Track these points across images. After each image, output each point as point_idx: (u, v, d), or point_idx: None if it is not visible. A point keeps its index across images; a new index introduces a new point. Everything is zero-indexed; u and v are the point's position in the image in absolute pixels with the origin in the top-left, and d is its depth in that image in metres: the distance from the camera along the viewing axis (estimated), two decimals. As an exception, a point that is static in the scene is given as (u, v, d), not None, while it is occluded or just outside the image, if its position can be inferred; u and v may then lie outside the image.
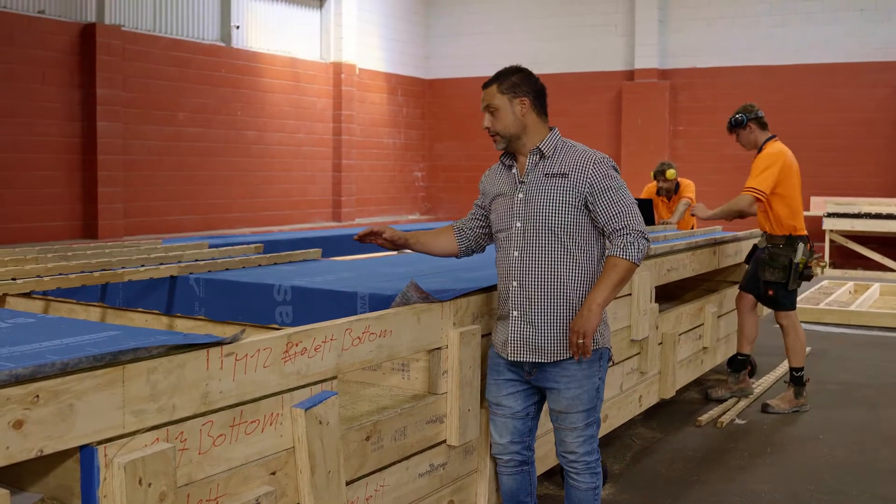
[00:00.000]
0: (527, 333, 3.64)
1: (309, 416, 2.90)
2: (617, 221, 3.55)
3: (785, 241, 6.62)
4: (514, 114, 3.65)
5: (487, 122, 3.69)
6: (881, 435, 6.11)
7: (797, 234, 6.63)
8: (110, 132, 12.39)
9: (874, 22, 15.78)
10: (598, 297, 3.51)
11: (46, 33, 11.80)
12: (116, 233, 12.41)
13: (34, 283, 4.43)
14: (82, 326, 2.91)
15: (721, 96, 16.53)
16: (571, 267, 3.60)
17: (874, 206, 15.23)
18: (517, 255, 3.64)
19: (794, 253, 6.59)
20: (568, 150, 3.67)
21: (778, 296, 6.70)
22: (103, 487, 2.34)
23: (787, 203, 6.61)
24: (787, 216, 6.60)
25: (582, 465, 3.75)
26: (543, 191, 3.61)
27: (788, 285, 6.63)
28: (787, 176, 6.60)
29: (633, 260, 3.51)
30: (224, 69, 14.47)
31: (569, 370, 3.64)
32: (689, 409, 6.72)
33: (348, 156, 16.90)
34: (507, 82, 3.67)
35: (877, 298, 12.28)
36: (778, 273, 6.62)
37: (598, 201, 3.56)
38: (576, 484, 3.78)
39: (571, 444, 3.73)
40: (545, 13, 18.40)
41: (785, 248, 6.61)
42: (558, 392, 3.68)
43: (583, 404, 3.68)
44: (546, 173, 3.63)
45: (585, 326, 3.48)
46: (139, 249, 5.52)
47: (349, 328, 3.15)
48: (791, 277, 6.61)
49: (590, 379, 3.67)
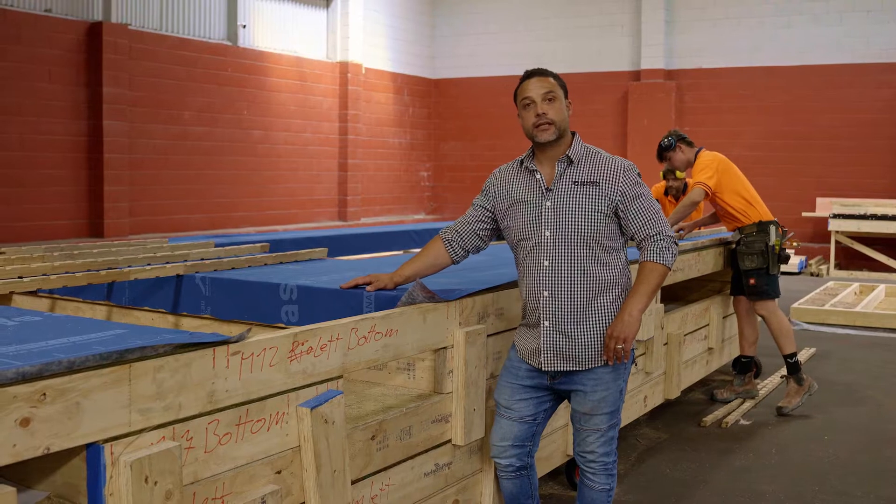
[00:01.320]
0: (560, 343, 3.61)
1: (315, 416, 2.91)
2: (650, 228, 3.58)
3: (756, 227, 6.77)
4: (563, 111, 3.66)
5: (544, 108, 3.61)
6: (886, 436, 6.11)
7: (766, 219, 6.81)
8: (116, 131, 12.41)
9: (880, 23, 15.75)
10: (638, 303, 3.53)
11: (53, 32, 11.82)
12: (122, 231, 12.44)
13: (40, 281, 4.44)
14: (89, 325, 2.91)
15: (727, 97, 16.52)
16: (603, 275, 3.61)
17: (880, 207, 15.20)
18: (547, 264, 3.61)
19: (768, 237, 6.72)
20: (593, 156, 3.68)
21: (759, 283, 6.75)
22: (109, 485, 2.34)
23: (739, 194, 6.82)
24: (745, 206, 6.81)
25: (600, 466, 3.73)
26: (574, 199, 3.59)
27: (769, 269, 6.72)
28: (726, 170, 6.86)
29: (667, 264, 3.56)
30: (230, 68, 14.49)
31: (598, 373, 3.63)
32: (694, 409, 6.72)
33: (354, 155, 16.91)
34: (561, 80, 3.73)
35: (882, 300, 12.26)
36: (757, 259, 6.71)
37: (629, 209, 3.59)
38: (591, 484, 3.77)
39: (592, 444, 3.72)
40: (551, 13, 18.40)
41: (758, 234, 6.75)
42: (584, 395, 3.66)
43: (608, 406, 3.67)
44: (574, 181, 3.61)
45: (626, 332, 3.50)
46: (145, 248, 5.53)
47: (355, 327, 3.16)
48: (770, 261, 6.71)
49: (616, 381, 3.67)
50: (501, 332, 4.08)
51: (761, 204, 6.90)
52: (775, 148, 16.20)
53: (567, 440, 4.72)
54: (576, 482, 4.91)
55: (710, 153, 6.98)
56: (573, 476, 4.94)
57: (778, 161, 16.12)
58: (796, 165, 16.22)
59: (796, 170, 16.21)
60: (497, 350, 4.04)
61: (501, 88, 18.62)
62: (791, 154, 16.24)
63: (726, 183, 6.82)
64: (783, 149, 16.23)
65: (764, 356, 7.84)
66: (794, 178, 16.18)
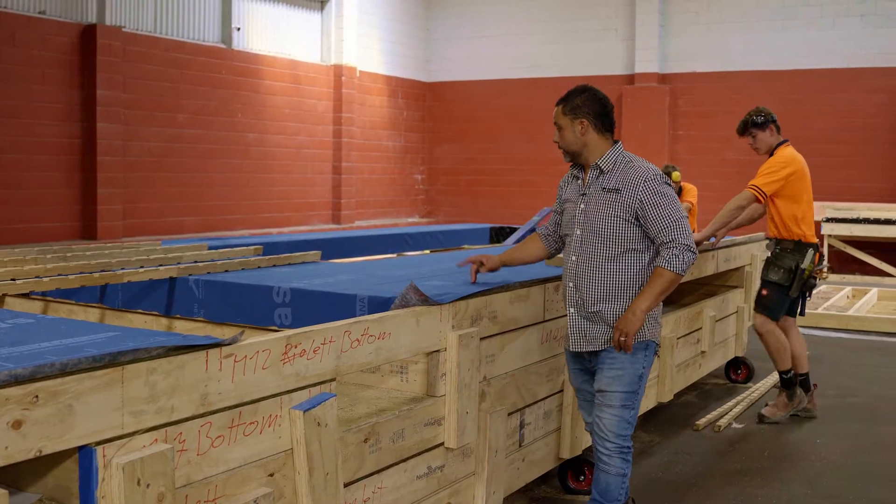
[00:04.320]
0: (582, 326, 4.03)
1: (307, 418, 2.91)
2: (665, 235, 3.85)
3: (794, 245, 6.41)
4: (575, 133, 4.03)
5: (555, 138, 4.12)
6: (878, 440, 6.12)
7: (807, 241, 6.42)
8: (110, 133, 12.39)
9: (874, 27, 15.79)
10: (643, 303, 3.86)
11: (47, 34, 11.81)
12: (116, 234, 12.42)
13: (33, 283, 4.44)
14: (81, 327, 2.91)
15: (721, 101, 16.55)
16: (620, 273, 3.94)
17: (873, 211, 15.24)
18: (574, 259, 4.03)
19: (803, 258, 6.38)
20: (626, 165, 3.98)
21: (770, 297, 6.47)
22: (102, 488, 2.34)
23: (796, 208, 6.40)
24: (795, 221, 6.39)
25: (614, 447, 3.95)
26: (600, 204, 3.96)
27: (790, 290, 6.42)
28: (798, 180, 6.39)
29: (677, 271, 3.84)
30: (224, 71, 14.48)
31: (614, 354, 3.97)
32: (687, 412, 6.73)
33: (348, 158, 16.91)
34: (570, 104, 4.04)
35: (875, 303, 12.29)
36: (781, 273, 6.41)
37: (647, 216, 3.88)
38: (605, 467, 3.97)
39: (606, 421, 3.95)
40: (546, 17, 18.42)
41: (793, 251, 6.41)
42: (602, 371, 4.00)
43: (622, 385, 3.95)
44: (603, 187, 3.97)
45: (628, 328, 3.84)
46: (138, 251, 5.53)
47: (348, 330, 3.16)
48: (794, 282, 6.40)
49: (633, 365, 3.97)
50: (495, 336, 4.09)
51: (810, 225, 6.46)
52: (769, 152, 16.18)
53: (560, 443, 4.72)
54: (569, 485, 4.93)
55: (790, 153, 6.45)
56: (566, 479, 4.95)
57: (771, 165, 16.10)
58: (789, 169, 16.21)
59: (789, 174, 16.20)
60: (490, 353, 4.05)
61: (496, 92, 18.66)
62: (784, 158, 16.22)
63: (788, 192, 6.36)
64: (776, 153, 16.21)
65: (757, 360, 7.86)
66: (788, 182, 16.17)
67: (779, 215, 6.45)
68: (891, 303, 12.34)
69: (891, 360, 8.71)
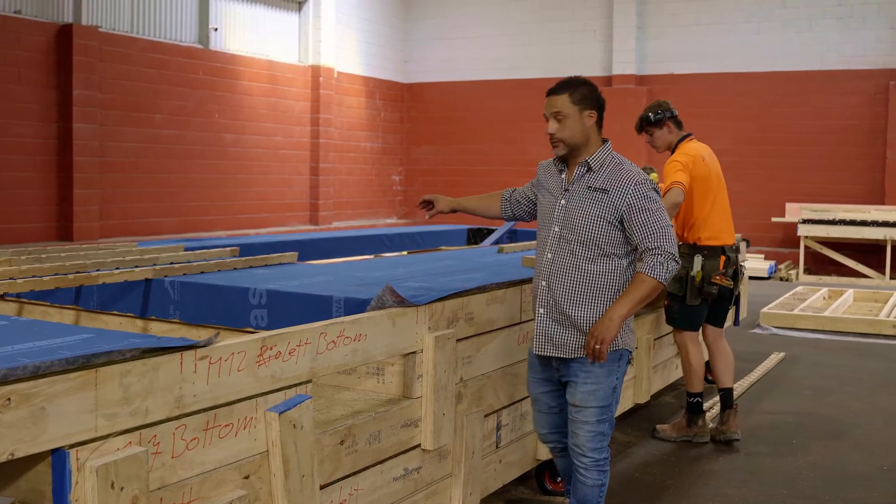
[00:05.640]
0: (551, 330, 3.85)
1: (283, 420, 2.90)
2: (650, 241, 3.70)
3: (689, 249, 5.93)
4: (583, 125, 3.82)
5: (552, 129, 3.84)
6: (853, 440, 6.16)
7: (702, 244, 5.91)
8: (86, 133, 12.33)
9: (850, 30, 15.91)
10: (621, 309, 3.71)
11: (23, 33, 11.73)
12: (92, 235, 12.35)
13: (7, 285, 4.40)
14: (55, 329, 2.89)
15: (698, 102, 16.60)
16: (598, 276, 3.79)
17: (849, 212, 15.35)
18: (550, 256, 3.86)
19: (690, 265, 5.87)
20: (615, 166, 3.83)
21: (671, 309, 6.07)
22: (75, 491, 2.33)
23: (698, 210, 5.95)
24: (689, 224, 5.96)
25: (591, 462, 3.87)
26: (584, 202, 3.80)
27: (686, 299, 5.93)
28: (700, 177, 5.94)
29: (660, 279, 3.69)
30: (202, 71, 14.43)
31: (590, 367, 3.80)
32: (664, 413, 6.75)
33: (326, 159, 16.88)
34: (579, 93, 3.83)
35: (850, 304, 12.37)
36: (673, 284, 5.90)
37: (633, 221, 3.73)
38: (583, 479, 3.90)
39: (582, 437, 3.85)
40: (524, 18, 18.46)
41: (686, 257, 5.86)
42: (575, 385, 3.84)
43: (597, 400, 3.82)
44: (589, 186, 3.81)
45: (604, 334, 3.68)
46: (114, 252, 5.49)
47: (324, 332, 3.15)
48: (687, 291, 5.91)
49: (608, 377, 3.83)
50: (471, 337, 4.09)
51: (713, 227, 5.95)
52: (746, 154, 16.29)
53: (536, 445, 4.72)
54: (546, 487, 4.93)
55: (695, 149, 6.05)
56: (543, 480, 4.95)
57: (749, 167, 16.21)
58: (767, 171, 16.34)
59: (767, 175, 16.34)
60: (467, 354, 4.05)
61: (474, 93, 18.68)
62: (762, 160, 16.35)
63: (693, 189, 5.92)
64: (754, 154, 16.33)
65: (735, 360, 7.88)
66: (765, 184, 16.31)
67: (680, 216, 6.01)
68: (866, 304, 12.43)
69: (866, 361, 8.77)
